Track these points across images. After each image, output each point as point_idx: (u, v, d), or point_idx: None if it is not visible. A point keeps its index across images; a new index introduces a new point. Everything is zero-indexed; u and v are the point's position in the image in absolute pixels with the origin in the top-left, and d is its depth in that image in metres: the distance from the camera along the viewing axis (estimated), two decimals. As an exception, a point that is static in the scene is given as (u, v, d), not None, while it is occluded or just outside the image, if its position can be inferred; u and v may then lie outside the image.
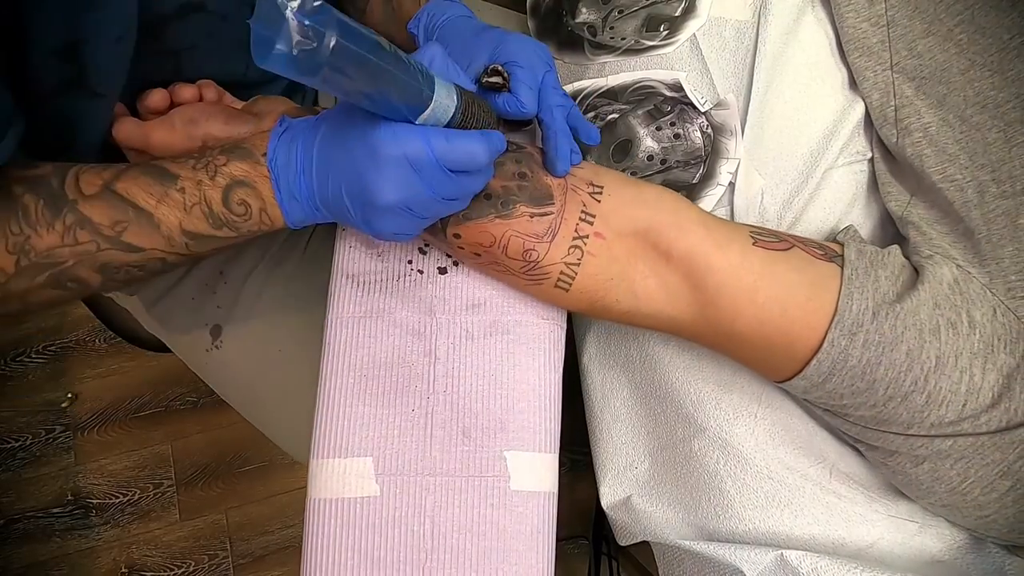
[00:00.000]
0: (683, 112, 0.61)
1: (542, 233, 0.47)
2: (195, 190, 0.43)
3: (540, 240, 0.47)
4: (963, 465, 0.46)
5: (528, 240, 0.47)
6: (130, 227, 0.42)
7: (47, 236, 0.41)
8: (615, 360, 0.64)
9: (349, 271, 0.54)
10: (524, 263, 0.48)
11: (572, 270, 0.47)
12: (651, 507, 0.59)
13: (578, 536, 1.18)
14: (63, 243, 0.41)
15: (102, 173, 0.43)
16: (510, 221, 0.47)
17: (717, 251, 0.47)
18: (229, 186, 0.43)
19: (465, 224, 0.47)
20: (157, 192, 0.42)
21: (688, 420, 0.58)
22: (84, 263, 0.42)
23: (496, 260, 0.49)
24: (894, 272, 0.47)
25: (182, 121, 0.49)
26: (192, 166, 0.43)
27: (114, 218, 0.42)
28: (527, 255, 0.47)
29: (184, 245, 0.44)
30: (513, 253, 0.47)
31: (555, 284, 0.48)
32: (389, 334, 0.52)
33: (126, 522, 1.26)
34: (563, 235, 0.47)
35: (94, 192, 0.42)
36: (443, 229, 0.48)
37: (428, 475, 0.50)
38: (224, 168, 0.43)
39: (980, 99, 0.52)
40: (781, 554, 0.49)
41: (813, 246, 0.49)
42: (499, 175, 0.47)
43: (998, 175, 0.50)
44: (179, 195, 0.43)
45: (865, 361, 0.45)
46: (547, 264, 0.47)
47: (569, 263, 0.47)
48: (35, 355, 1.33)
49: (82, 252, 0.42)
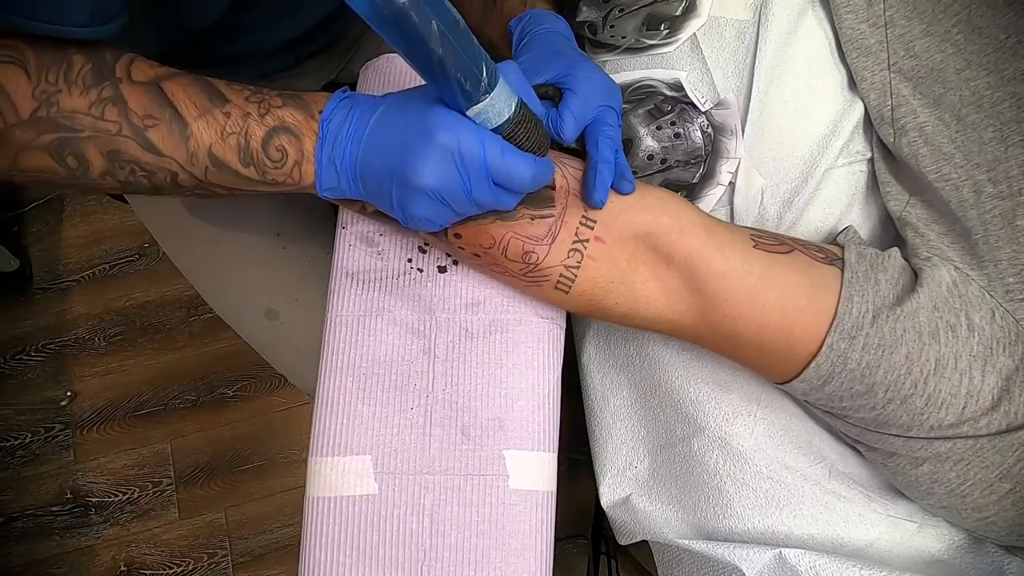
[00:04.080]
0: (683, 111, 0.61)
1: (542, 236, 0.47)
2: (240, 120, 0.42)
3: (540, 243, 0.47)
4: (962, 467, 0.46)
5: (528, 242, 0.47)
6: (160, 127, 0.41)
7: (78, 98, 0.40)
8: (615, 360, 0.64)
9: (349, 269, 0.54)
10: (524, 265, 0.48)
11: (572, 273, 0.47)
12: (650, 506, 0.59)
13: (577, 535, 1.18)
14: (89, 111, 0.40)
15: (156, 68, 0.43)
16: (510, 223, 0.47)
17: (718, 254, 0.47)
18: (275, 128, 0.43)
19: (466, 225, 0.47)
20: (202, 106, 0.42)
21: (688, 420, 0.58)
22: (97, 141, 0.41)
23: (496, 261, 0.49)
24: (894, 275, 0.47)
25: None
26: (245, 97, 0.43)
27: (148, 111, 0.41)
28: (527, 257, 0.47)
29: (204, 169, 0.43)
30: (513, 255, 0.47)
31: (555, 286, 0.48)
32: (388, 332, 0.52)
33: (125, 521, 1.26)
34: (563, 238, 0.47)
35: (141, 80, 0.42)
36: (444, 229, 0.48)
37: (427, 473, 0.50)
38: (277, 110, 0.43)
39: (976, 99, 0.52)
40: (780, 552, 0.49)
41: (813, 249, 0.49)
42: None
43: (994, 175, 0.50)
44: (222, 118, 0.42)
45: (864, 364, 0.45)
46: (546, 266, 0.47)
47: (569, 266, 0.47)
48: (35, 353, 1.33)
49: (102, 129, 0.41)
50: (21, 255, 1.36)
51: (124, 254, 1.38)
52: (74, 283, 1.37)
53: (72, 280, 1.38)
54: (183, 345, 1.34)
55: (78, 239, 1.39)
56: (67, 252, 1.39)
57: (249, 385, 1.32)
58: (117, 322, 1.35)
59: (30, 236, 1.40)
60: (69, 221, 1.40)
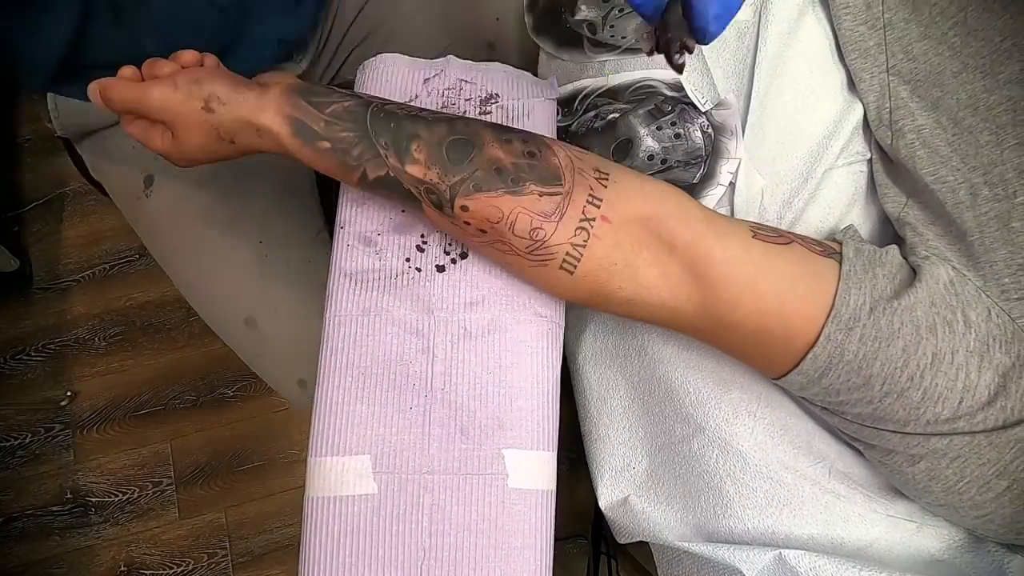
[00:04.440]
0: (684, 112, 0.61)
1: (550, 212, 0.47)
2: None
3: (548, 219, 0.47)
4: (959, 464, 0.46)
5: (536, 218, 0.47)
6: None
7: None
8: (612, 359, 0.64)
9: (347, 269, 0.54)
10: (531, 242, 0.47)
11: (578, 251, 0.47)
12: (649, 507, 0.59)
13: (577, 535, 1.18)
14: None
15: None
16: (520, 198, 0.47)
17: (718, 242, 0.47)
18: None
19: (475, 196, 0.47)
20: None
21: (687, 419, 0.57)
22: None
23: (502, 238, 0.48)
24: (891, 270, 0.47)
25: (185, 81, 0.49)
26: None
27: None
28: (534, 233, 0.47)
29: None
30: (520, 231, 0.47)
31: (560, 266, 0.48)
32: (387, 332, 0.52)
33: (125, 520, 1.26)
34: (571, 216, 0.47)
35: None
36: (451, 201, 0.48)
37: (426, 473, 0.49)
38: None
39: (972, 102, 0.52)
40: (779, 553, 0.49)
41: (812, 242, 0.49)
42: (508, 152, 0.48)
43: (990, 178, 0.50)
44: None
45: (861, 356, 0.45)
46: (553, 244, 0.47)
47: (575, 244, 0.47)
48: (34, 353, 1.33)
49: None
50: (21, 255, 1.36)
51: (124, 254, 1.38)
52: (74, 283, 1.37)
53: (72, 280, 1.37)
54: (183, 345, 1.33)
55: (78, 239, 1.39)
56: (67, 252, 1.39)
57: (249, 385, 1.32)
58: (117, 322, 1.35)
59: (30, 236, 1.39)
60: (69, 221, 1.40)
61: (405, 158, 0.48)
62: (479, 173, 0.47)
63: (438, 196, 0.48)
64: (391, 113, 0.50)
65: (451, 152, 0.48)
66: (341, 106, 0.50)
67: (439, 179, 0.48)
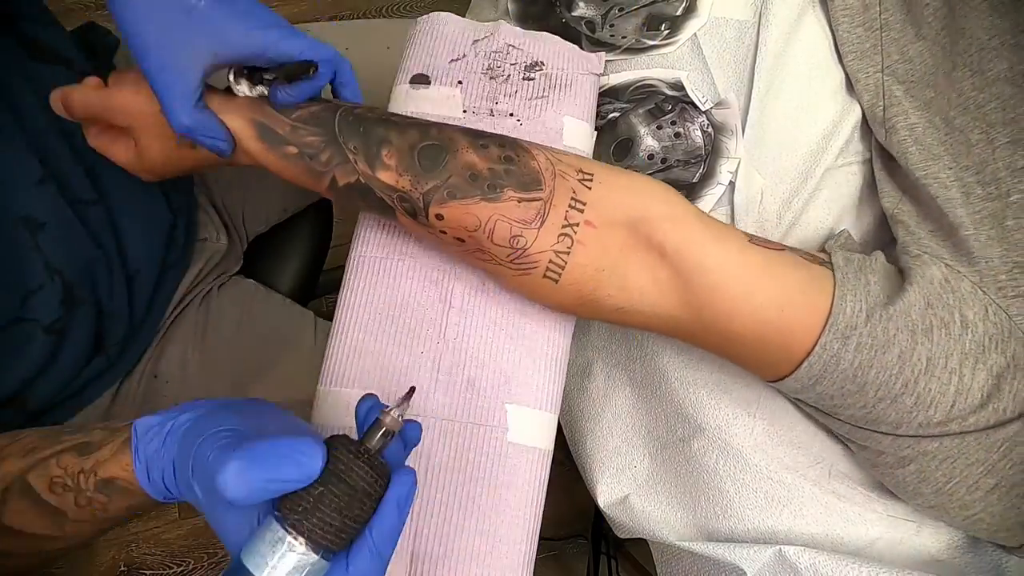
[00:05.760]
0: (684, 111, 0.61)
1: (530, 219, 0.45)
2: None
3: (528, 226, 0.45)
4: (948, 465, 0.45)
5: (516, 225, 0.45)
6: None
7: None
8: (618, 358, 0.64)
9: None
10: (511, 250, 0.46)
11: (561, 259, 0.45)
12: (649, 507, 0.59)
13: (577, 535, 1.18)
14: None
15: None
16: (497, 204, 0.45)
17: (714, 245, 0.46)
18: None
19: (449, 204, 0.45)
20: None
21: (687, 420, 0.58)
22: None
23: (481, 246, 0.47)
24: (881, 276, 0.47)
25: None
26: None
27: None
28: (514, 241, 0.45)
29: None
30: (499, 239, 0.46)
31: (544, 274, 0.46)
32: (408, 277, 0.53)
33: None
34: (552, 222, 0.45)
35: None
36: (424, 209, 0.46)
37: (430, 416, 0.50)
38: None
39: (963, 101, 0.52)
40: (779, 550, 0.50)
41: (801, 253, 0.49)
42: (483, 157, 0.46)
43: (982, 177, 0.50)
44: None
45: (857, 364, 0.44)
46: (535, 252, 0.45)
47: (558, 251, 0.45)
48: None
49: None
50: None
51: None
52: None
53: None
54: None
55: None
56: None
57: (249, 385, 1.32)
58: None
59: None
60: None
61: (376, 164, 0.46)
62: (453, 179, 0.45)
63: (411, 204, 0.46)
64: (361, 117, 0.48)
65: (423, 158, 0.46)
66: (308, 111, 0.48)
67: (411, 186, 0.46)
